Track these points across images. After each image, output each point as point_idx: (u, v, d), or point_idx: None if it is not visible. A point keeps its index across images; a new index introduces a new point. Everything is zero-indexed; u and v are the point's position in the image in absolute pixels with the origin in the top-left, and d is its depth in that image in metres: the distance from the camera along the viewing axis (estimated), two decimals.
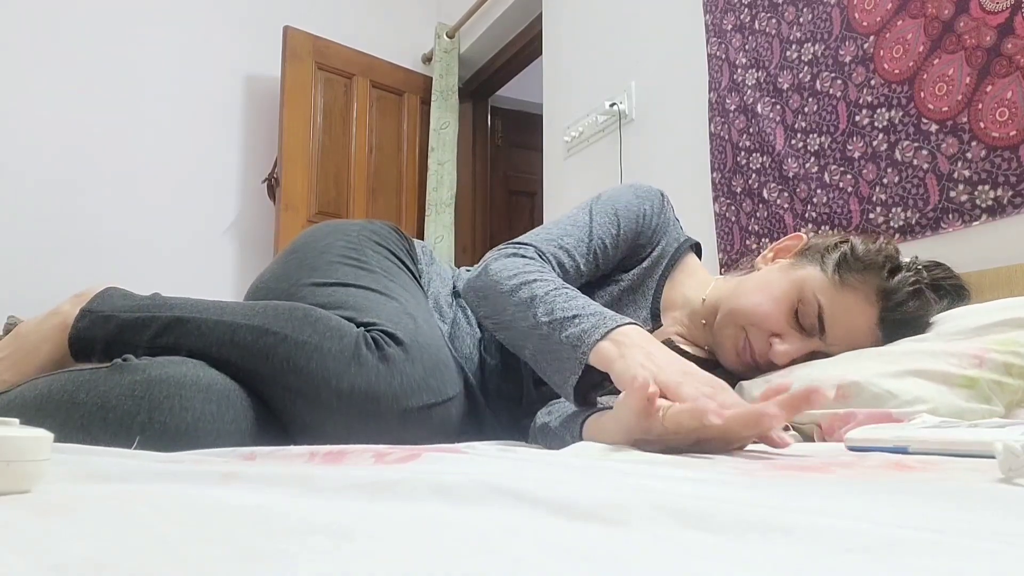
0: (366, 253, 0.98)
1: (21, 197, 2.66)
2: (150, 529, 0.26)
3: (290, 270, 0.96)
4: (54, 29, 2.79)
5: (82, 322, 0.84)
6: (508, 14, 3.07)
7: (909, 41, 1.39)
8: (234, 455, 0.56)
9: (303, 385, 0.75)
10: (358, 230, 1.05)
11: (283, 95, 2.99)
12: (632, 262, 1.02)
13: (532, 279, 0.82)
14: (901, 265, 0.92)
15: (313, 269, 0.94)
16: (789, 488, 0.39)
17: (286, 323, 0.78)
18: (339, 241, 1.00)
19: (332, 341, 0.76)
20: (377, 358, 0.76)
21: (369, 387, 0.75)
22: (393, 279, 0.95)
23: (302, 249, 1.01)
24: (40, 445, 0.33)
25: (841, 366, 0.86)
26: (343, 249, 0.98)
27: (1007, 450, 0.39)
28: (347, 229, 1.05)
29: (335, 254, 0.97)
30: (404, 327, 0.80)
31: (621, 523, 0.27)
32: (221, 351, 0.78)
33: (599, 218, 0.98)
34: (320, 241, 1.01)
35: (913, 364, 0.82)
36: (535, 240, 0.93)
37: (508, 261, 0.87)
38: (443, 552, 0.23)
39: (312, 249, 0.99)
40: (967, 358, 0.82)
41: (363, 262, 0.96)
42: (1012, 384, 0.81)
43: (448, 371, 0.82)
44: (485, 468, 0.45)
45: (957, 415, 0.76)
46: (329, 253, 0.97)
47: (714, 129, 1.87)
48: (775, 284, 0.93)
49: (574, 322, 0.74)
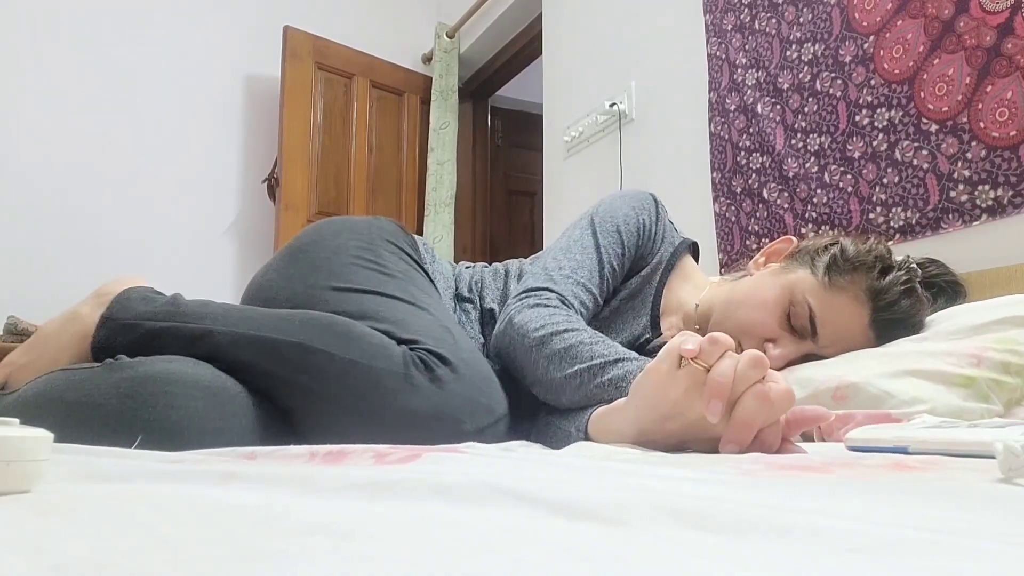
0: (382, 255, 0.96)
1: (21, 197, 2.66)
2: (150, 529, 0.25)
3: (303, 271, 0.93)
4: (54, 29, 2.79)
5: (103, 331, 0.82)
6: (508, 14, 3.07)
7: (909, 41, 1.39)
8: (234, 454, 0.56)
9: (358, 403, 0.73)
10: (367, 227, 1.02)
11: (283, 95, 2.99)
12: (631, 272, 1.02)
13: (562, 329, 0.82)
14: (893, 265, 0.92)
15: (330, 272, 0.91)
16: (789, 488, 0.39)
17: (328, 340, 0.75)
18: (351, 241, 0.97)
19: (381, 360, 0.74)
20: (428, 380, 0.75)
21: (427, 409, 0.73)
22: (415, 284, 0.93)
23: (311, 248, 0.97)
24: (40, 445, 0.33)
25: (840, 367, 0.86)
26: (357, 249, 0.95)
27: (1007, 450, 0.39)
28: (356, 227, 1.02)
29: (350, 255, 0.94)
30: (446, 344, 0.79)
31: (621, 523, 0.27)
32: (260, 365, 0.75)
33: (604, 239, 0.97)
34: (331, 240, 0.98)
35: (911, 364, 0.83)
36: (552, 282, 0.91)
37: (532, 312, 0.86)
38: (443, 552, 0.23)
39: (323, 248, 0.96)
40: (965, 357, 0.82)
41: (382, 265, 0.94)
42: (1010, 382, 0.81)
43: (494, 387, 0.80)
44: (485, 468, 0.45)
45: (956, 414, 0.77)
46: (343, 254, 0.94)
47: (714, 129, 1.87)
48: (766, 290, 0.93)
49: (617, 365, 0.75)
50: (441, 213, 3.19)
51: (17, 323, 2.15)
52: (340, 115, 3.15)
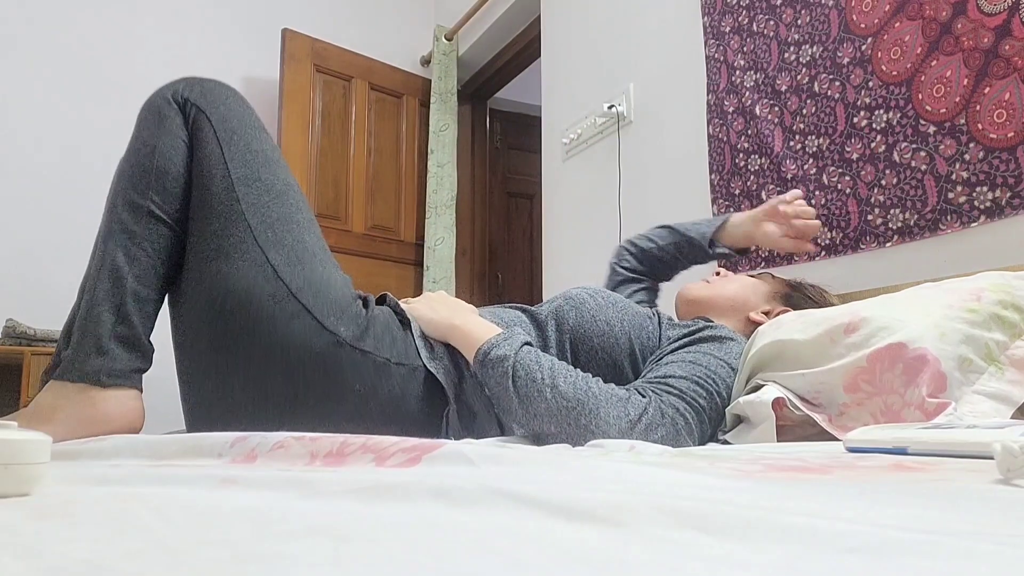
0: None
1: (21, 198, 2.66)
2: (148, 531, 0.25)
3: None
4: (54, 30, 2.79)
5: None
6: (506, 16, 3.07)
7: (907, 43, 1.40)
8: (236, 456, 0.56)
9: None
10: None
11: (282, 97, 2.99)
12: None
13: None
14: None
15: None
16: (789, 488, 0.39)
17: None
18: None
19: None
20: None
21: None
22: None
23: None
24: (39, 448, 0.33)
25: (850, 306, 0.92)
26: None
27: (1005, 451, 0.39)
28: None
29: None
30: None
31: (619, 524, 0.27)
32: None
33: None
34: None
35: (917, 300, 0.90)
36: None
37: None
38: (442, 554, 0.23)
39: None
40: (966, 293, 0.90)
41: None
42: (1010, 317, 0.87)
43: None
44: (484, 470, 0.45)
45: (965, 341, 0.82)
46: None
47: (712, 131, 1.87)
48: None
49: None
50: (443, 215, 3.19)
51: (16, 326, 2.15)
52: (339, 118, 3.15)
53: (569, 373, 0.82)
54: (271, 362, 0.84)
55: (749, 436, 0.86)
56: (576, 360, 0.97)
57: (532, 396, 0.81)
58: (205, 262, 0.87)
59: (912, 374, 0.78)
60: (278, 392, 0.84)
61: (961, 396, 0.79)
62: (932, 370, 0.78)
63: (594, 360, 0.97)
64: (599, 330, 0.97)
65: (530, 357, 0.84)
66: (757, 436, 0.84)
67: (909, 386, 0.78)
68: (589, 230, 2.36)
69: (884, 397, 0.80)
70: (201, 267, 0.88)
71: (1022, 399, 0.80)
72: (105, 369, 0.81)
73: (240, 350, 0.85)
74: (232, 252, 0.87)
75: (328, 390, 0.85)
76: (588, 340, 0.97)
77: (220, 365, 0.86)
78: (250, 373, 0.84)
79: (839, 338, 0.85)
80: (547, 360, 0.84)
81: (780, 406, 0.85)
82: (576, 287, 1.04)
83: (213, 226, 0.88)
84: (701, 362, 0.89)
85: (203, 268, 0.87)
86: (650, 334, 1.00)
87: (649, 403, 0.81)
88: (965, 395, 0.80)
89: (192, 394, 0.89)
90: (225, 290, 0.86)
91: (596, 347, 0.96)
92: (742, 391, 0.91)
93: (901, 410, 0.79)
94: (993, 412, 0.78)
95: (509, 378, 0.82)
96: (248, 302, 0.85)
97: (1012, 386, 0.81)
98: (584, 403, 0.79)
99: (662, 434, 0.79)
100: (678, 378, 0.86)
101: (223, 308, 0.86)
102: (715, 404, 0.87)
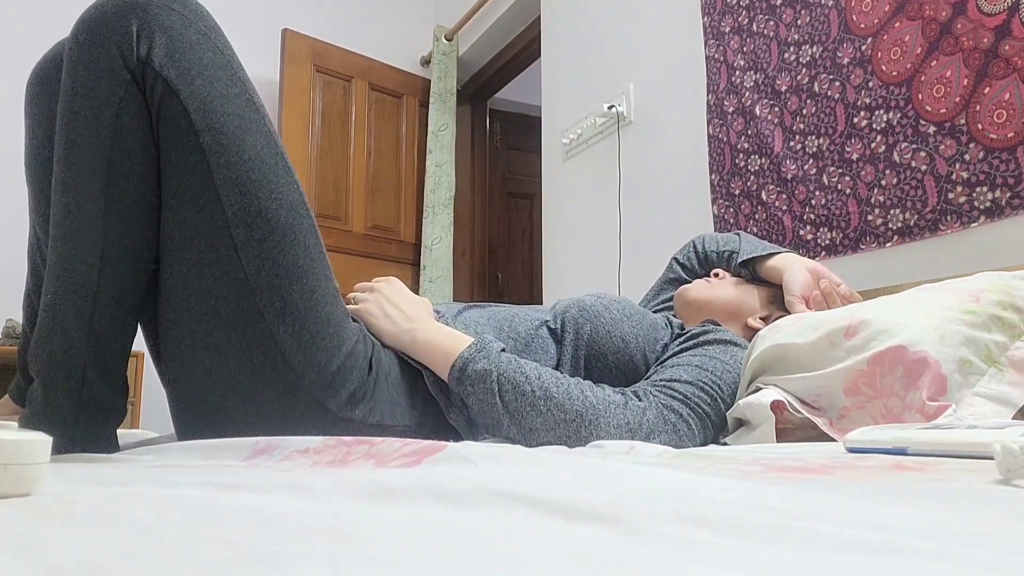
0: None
1: (21, 198, 2.66)
2: (148, 532, 0.25)
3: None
4: (54, 30, 2.79)
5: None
6: (506, 17, 3.07)
7: (907, 43, 1.40)
8: (235, 456, 0.56)
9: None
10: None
11: (282, 98, 2.99)
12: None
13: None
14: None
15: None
16: (789, 489, 0.39)
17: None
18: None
19: None
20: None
21: None
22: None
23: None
24: (39, 448, 0.33)
25: (849, 310, 0.93)
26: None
27: (1005, 451, 0.39)
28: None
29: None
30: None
31: (620, 524, 0.27)
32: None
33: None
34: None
35: (917, 302, 0.90)
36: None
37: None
38: (443, 555, 0.23)
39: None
40: (964, 294, 0.90)
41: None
42: (1009, 318, 0.87)
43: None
44: (484, 471, 0.45)
45: (965, 343, 0.82)
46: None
47: (712, 131, 1.87)
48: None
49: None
50: (440, 215, 3.19)
51: (16, 326, 2.14)
52: (339, 118, 3.15)
53: (559, 380, 0.80)
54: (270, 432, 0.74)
55: (749, 437, 0.86)
56: (589, 375, 0.93)
57: (524, 411, 0.78)
58: (198, 335, 0.73)
59: (913, 377, 0.78)
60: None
61: (961, 398, 0.79)
62: (933, 373, 0.78)
63: (607, 376, 0.93)
64: (614, 347, 0.93)
65: (512, 368, 0.80)
66: (757, 437, 0.84)
67: (910, 389, 0.78)
68: (589, 230, 2.36)
69: (885, 400, 0.80)
70: (194, 333, 0.73)
71: (1022, 401, 0.80)
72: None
73: (242, 431, 0.72)
74: (232, 327, 0.72)
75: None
76: (603, 357, 0.93)
77: (217, 429, 0.75)
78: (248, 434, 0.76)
79: (839, 341, 0.85)
80: (530, 368, 0.80)
81: (781, 409, 0.85)
82: (589, 295, 1.00)
83: (203, 280, 0.71)
84: (707, 366, 0.88)
85: (195, 334, 0.73)
86: (663, 346, 0.98)
87: (648, 407, 0.80)
88: (965, 397, 0.80)
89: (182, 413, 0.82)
90: (229, 384, 0.73)
91: (611, 364, 0.93)
92: (744, 396, 0.91)
93: (902, 413, 0.78)
94: (993, 415, 0.78)
95: (495, 395, 0.78)
96: (255, 399, 0.74)
97: (1012, 388, 0.81)
98: (583, 415, 0.77)
99: (664, 439, 0.79)
100: (683, 383, 0.85)
101: (223, 404, 0.74)
102: (719, 410, 0.86)
